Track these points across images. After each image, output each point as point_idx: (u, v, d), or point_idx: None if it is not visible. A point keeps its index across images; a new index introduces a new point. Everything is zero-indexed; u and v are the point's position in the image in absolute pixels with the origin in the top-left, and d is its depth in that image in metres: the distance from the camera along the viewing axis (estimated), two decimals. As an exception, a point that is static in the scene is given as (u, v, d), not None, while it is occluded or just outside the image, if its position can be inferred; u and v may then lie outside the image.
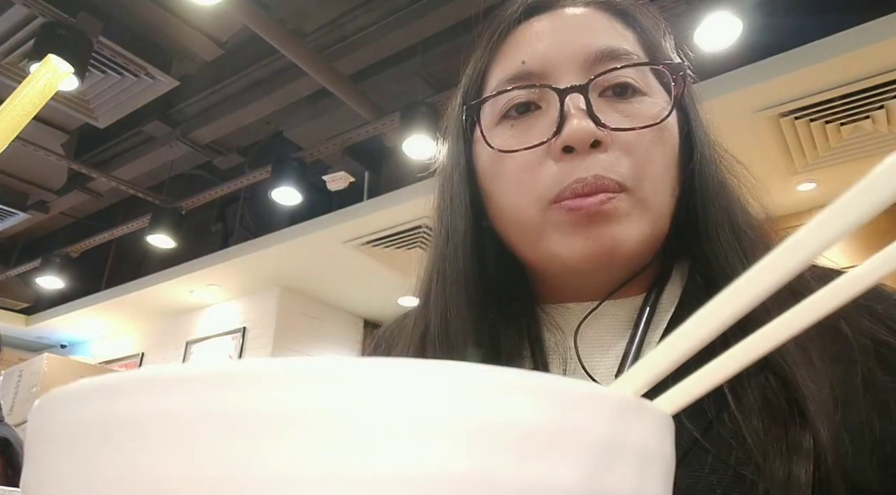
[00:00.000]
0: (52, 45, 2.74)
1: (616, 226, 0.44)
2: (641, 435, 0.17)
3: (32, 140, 3.84)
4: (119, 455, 0.15)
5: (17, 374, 3.43)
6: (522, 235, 0.48)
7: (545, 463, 0.15)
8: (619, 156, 0.44)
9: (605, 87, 0.46)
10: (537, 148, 0.45)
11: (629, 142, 0.45)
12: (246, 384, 0.14)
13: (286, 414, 0.14)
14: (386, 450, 0.14)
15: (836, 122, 2.79)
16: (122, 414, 0.15)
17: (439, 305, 0.50)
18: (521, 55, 0.48)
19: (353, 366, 0.15)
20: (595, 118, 0.44)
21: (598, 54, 0.46)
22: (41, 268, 4.86)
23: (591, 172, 0.43)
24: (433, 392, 0.14)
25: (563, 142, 0.44)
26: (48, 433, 0.16)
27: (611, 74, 0.46)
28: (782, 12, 2.68)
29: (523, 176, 0.46)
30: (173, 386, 0.15)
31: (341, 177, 3.89)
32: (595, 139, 0.44)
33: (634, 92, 0.46)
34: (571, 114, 0.44)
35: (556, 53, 0.47)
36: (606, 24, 0.49)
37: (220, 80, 3.72)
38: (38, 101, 0.36)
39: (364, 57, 3.37)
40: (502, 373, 0.15)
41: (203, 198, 4.27)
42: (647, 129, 0.45)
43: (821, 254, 0.15)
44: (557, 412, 0.15)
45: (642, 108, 0.46)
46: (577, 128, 0.43)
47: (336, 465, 0.14)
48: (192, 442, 0.14)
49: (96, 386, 0.15)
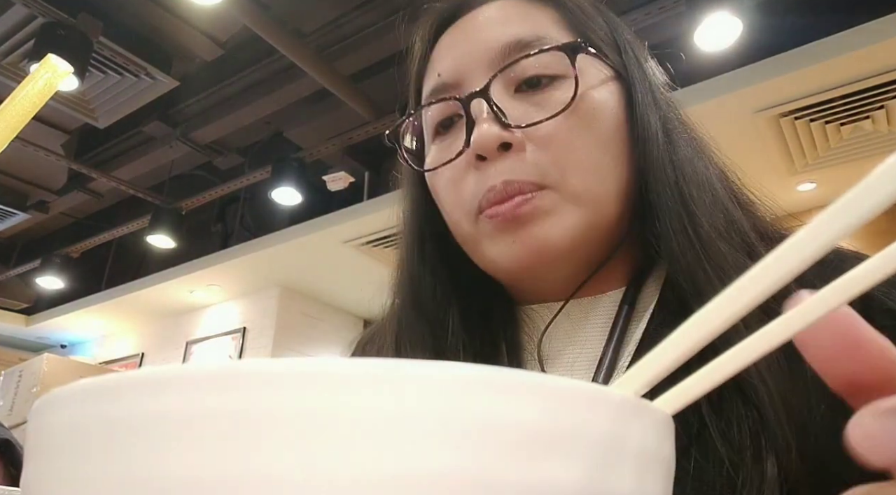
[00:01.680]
0: (52, 45, 2.74)
1: (538, 226, 0.42)
2: (642, 435, 0.17)
3: (32, 140, 3.84)
4: (119, 455, 0.15)
5: (17, 374, 3.43)
6: (465, 246, 0.47)
7: (544, 464, 0.15)
8: (535, 153, 0.42)
9: (517, 82, 0.44)
10: (459, 160, 0.44)
11: (547, 135, 0.42)
12: (246, 384, 0.14)
13: (286, 414, 0.14)
14: (384, 451, 0.14)
15: (836, 122, 2.79)
16: (122, 414, 0.15)
17: (406, 310, 0.50)
18: (438, 68, 0.47)
19: (353, 366, 0.15)
20: (500, 121, 0.42)
21: (504, 49, 0.44)
22: (41, 268, 4.86)
23: (499, 179, 0.42)
24: (431, 392, 0.14)
25: (473, 151, 0.43)
26: (48, 433, 0.16)
27: (514, 67, 0.43)
28: (782, 12, 2.68)
29: (450, 191, 0.46)
30: (173, 387, 0.15)
31: (341, 177, 3.89)
32: (502, 142, 0.42)
33: (550, 79, 0.43)
34: (480, 119, 0.43)
35: (464, 59, 0.45)
36: (518, 11, 0.46)
37: (220, 80, 3.72)
38: (38, 101, 0.36)
39: (364, 57, 3.37)
40: (500, 373, 0.15)
41: (203, 198, 4.27)
42: (562, 116, 0.42)
43: (822, 254, 0.15)
44: (557, 412, 0.15)
45: (557, 96, 0.43)
46: (479, 136, 0.42)
47: (336, 465, 0.14)
48: (192, 442, 0.14)
49: (96, 386, 0.15)
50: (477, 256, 0.46)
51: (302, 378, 0.14)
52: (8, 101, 0.35)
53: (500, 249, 0.43)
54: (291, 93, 3.64)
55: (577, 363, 0.45)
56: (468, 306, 0.49)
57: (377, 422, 0.14)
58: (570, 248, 0.43)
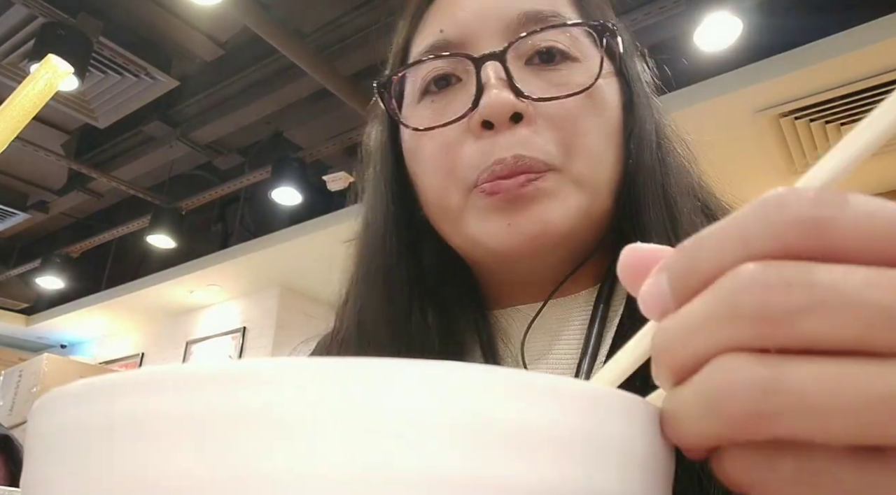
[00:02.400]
0: (52, 45, 2.74)
1: (540, 207, 0.39)
2: (640, 433, 0.17)
3: (32, 140, 3.84)
4: (119, 455, 0.15)
5: (17, 374, 3.43)
6: (446, 220, 0.44)
7: (538, 462, 0.15)
8: (545, 131, 0.40)
9: (530, 54, 0.42)
10: (456, 124, 0.41)
11: (557, 114, 0.40)
12: (246, 383, 0.14)
13: (286, 414, 0.14)
14: (383, 451, 0.14)
15: (836, 122, 2.79)
16: (122, 414, 0.15)
17: (356, 303, 0.47)
18: (440, 24, 0.44)
19: (353, 366, 0.15)
20: (515, 88, 0.39)
21: (520, 17, 0.41)
22: (41, 268, 4.86)
23: (510, 152, 0.39)
24: (428, 391, 0.14)
25: (480, 117, 0.40)
26: (48, 433, 0.16)
27: (534, 37, 0.41)
28: (782, 12, 2.68)
29: (442, 156, 0.42)
30: (172, 386, 0.15)
31: (341, 177, 3.89)
32: (515, 112, 0.39)
33: (564, 57, 0.42)
34: (490, 84, 0.40)
35: (474, 19, 0.42)
36: None
37: (220, 80, 3.72)
38: (38, 101, 0.36)
39: (364, 57, 3.36)
40: (495, 372, 0.15)
41: (203, 199, 4.27)
42: (576, 98, 0.40)
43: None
44: (552, 411, 0.15)
45: (571, 76, 0.41)
46: (493, 101, 0.39)
47: (336, 465, 0.14)
48: (191, 441, 0.14)
49: (96, 386, 0.16)
50: (457, 232, 0.43)
51: (303, 377, 0.14)
52: (8, 101, 0.35)
53: (490, 229, 0.41)
54: (291, 93, 3.64)
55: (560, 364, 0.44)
56: (435, 303, 0.46)
57: (377, 422, 0.14)
58: (568, 233, 0.41)
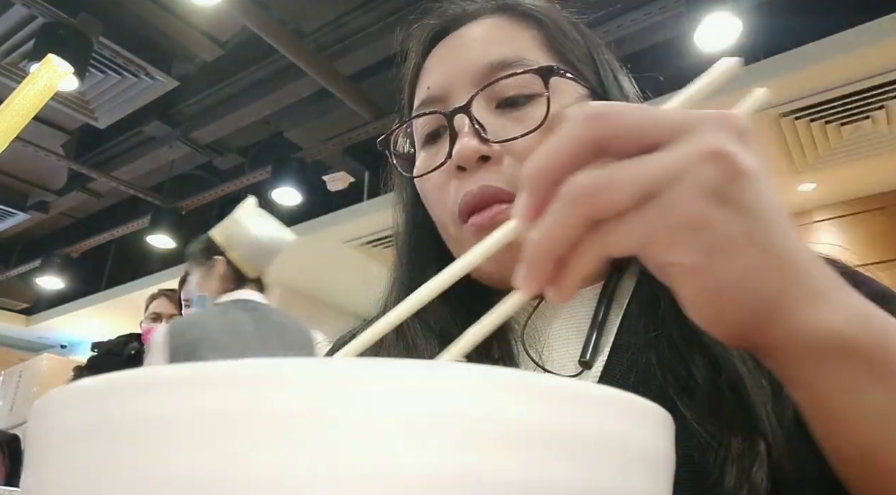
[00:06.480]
0: (52, 45, 2.74)
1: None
2: (642, 433, 0.17)
3: (32, 140, 3.84)
4: (118, 455, 0.15)
5: (17, 375, 3.43)
6: (451, 247, 0.50)
7: (544, 462, 0.15)
8: (512, 165, 0.45)
9: (499, 99, 0.47)
10: (442, 169, 0.48)
11: (523, 150, 0.45)
12: (246, 383, 0.14)
13: (286, 414, 0.14)
14: (380, 450, 0.14)
15: (836, 121, 2.80)
16: (122, 414, 0.15)
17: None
18: (428, 81, 0.51)
19: (357, 366, 0.15)
20: (479, 135, 0.45)
21: (486, 68, 0.47)
22: (41, 268, 4.87)
23: (477, 184, 0.45)
24: (431, 391, 0.14)
25: (453, 163, 0.46)
26: (48, 433, 0.16)
27: (495, 86, 0.47)
28: (782, 12, 2.68)
29: (436, 196, 0.49)
30: (172, 387, 0.15)
31: (341, 177, 3.89)
32: (481, 155, 0.45)
33: (528, 98, 0.47)
34: (462, 133, 0.46)
35: (452, 75, 0.49)
36: (502, 31, 0.50)
37: (220, 80, 3.72)
38: (38, 101, 0.36)
39: (364, 57, 3.37)
40: (500, 373, 0.15)
41: (203, 199, 4.27)
42: (539, 133, 0.45)
43: None
44: (556, 410, 0.15)
45: (536, 111, 0.46)
46: (460, 148, 0.45)
47: (337, 465, 0.14)
48: (190, 441, 0.14)
49: (96, 386, 0.16)
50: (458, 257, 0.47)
51: (305, 377, 0.14)
52: (8, 101, 0.35)
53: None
54: (291, 93, 3.64)
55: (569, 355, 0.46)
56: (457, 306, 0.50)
57: (378, 422, 0.14)
58: None
